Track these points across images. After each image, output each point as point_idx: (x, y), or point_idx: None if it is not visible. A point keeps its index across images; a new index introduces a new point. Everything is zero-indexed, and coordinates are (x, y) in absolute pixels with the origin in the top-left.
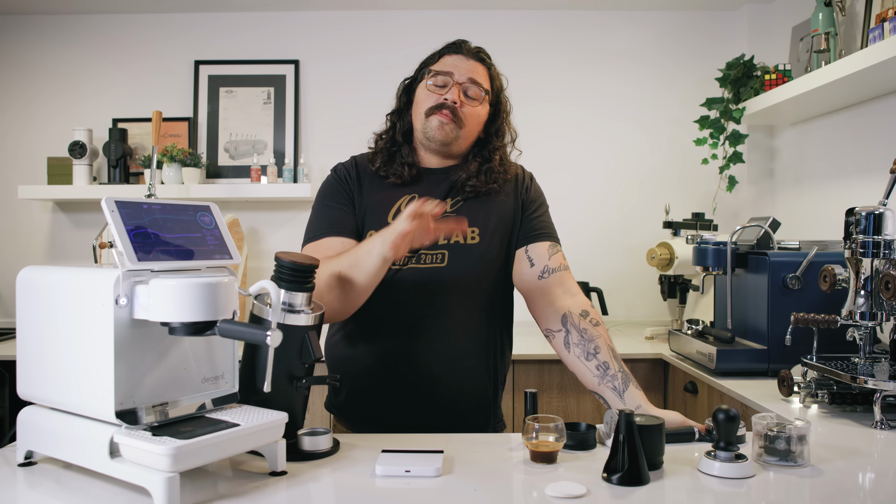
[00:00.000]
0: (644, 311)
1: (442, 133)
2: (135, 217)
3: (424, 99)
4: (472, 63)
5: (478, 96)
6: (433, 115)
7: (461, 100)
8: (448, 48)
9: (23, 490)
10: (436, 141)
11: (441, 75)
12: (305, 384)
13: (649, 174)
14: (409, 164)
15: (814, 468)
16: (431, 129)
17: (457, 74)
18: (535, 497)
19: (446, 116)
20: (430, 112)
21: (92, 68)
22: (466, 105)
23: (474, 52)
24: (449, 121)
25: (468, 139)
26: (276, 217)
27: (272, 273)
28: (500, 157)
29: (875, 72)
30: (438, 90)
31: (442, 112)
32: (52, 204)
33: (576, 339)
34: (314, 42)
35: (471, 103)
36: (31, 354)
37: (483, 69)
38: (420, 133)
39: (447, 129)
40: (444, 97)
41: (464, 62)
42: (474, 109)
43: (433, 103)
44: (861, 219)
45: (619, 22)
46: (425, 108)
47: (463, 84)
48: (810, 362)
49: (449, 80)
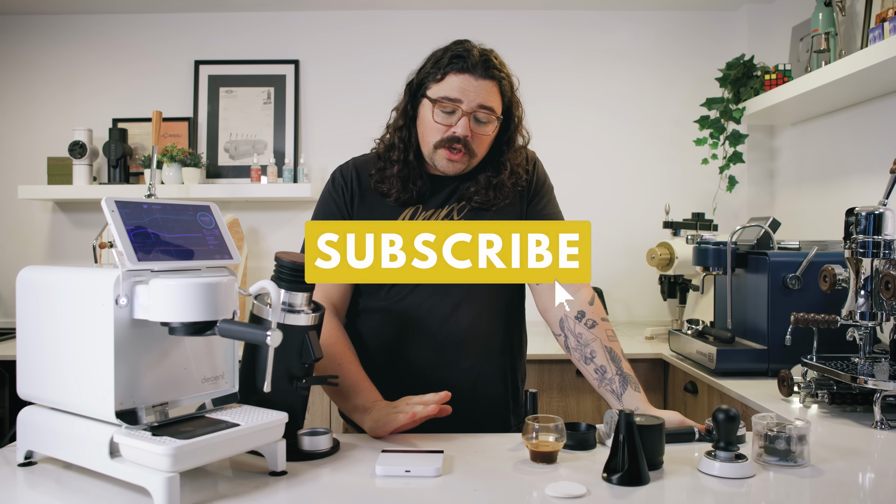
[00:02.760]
0: (644, 311)
1: (452, 168)
2: (135, 217)
3: (431, 129)
4: (482, 84)
5: (489, 120)
6: (443, 149)
7: (472, 131)
8: (453, 63)
9: (23, 490)
10: (446, 174)
11: (449, 102)
12: (305, 384)
13: (649, 174)
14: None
15: (814, 468)
16: (441, 164)
17: (465, 102)
18: (535, 497)
19: (458, 150)
20: (439, 145)
21: (92, 68)
22: (478, 134)
23: (483, 69)
24: (460, 155)
25: (480, 158)
26: (276, 217)
27: (272, 273)
28: (510, 168)
29: (875, 72)
30: (446, 119)
31: (453, 146)
32: (52, 204)
33: (573, 343)
34: (314, 42)
35: (482, 130)
36: (31, 354)
37: (494, 86)
38: (428, 158)
39: (458, 164)
40: (453, 130)
41: (472, 84)
42: (486, 136)
43: (442, 136)
44: (861, 219)
45: (620, 22)
46: (434, 139)
47: (473, 112)
48: (810, 362)
49: (458, 107)
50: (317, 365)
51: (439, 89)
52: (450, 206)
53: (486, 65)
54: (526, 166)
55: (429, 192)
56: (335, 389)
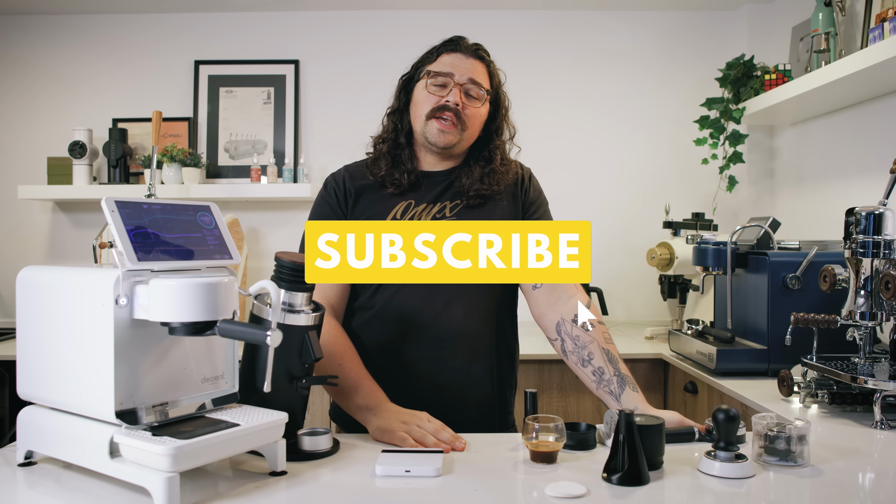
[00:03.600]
0: (644, 311)
1: (444, 139)
2: (135, 217)
3: (424, 100)
4: (472, 61)
5: (479, 96)
6: (434, 119)
7: (463, 101)
8: (446, 45)
9: (23, 490)
10: (437, 145)
11: (441, 76)
12: (305, 384)
13: (649, 174)
14: (408, 171)
15: (814, 468)
16: (432, 134)
17: (457, 75)
18: (535, 497)
19: (449, 120)
20: (430, 115)
21: (92, 68)
22: (468, 106)
23: (473, 50)
24: (451, 126)
25: (470, 140)
26: (276, 217)
27: (272, 273)
28: (500, 156)
29: (875, 72)
30: (439, 91)
31: (444, 115)
32: (52, 204)
33: (570, 346)
34: (314, 42)
35: (472, 104)
36: (31, 354)
37: (482, 67)
38: (420, 136)
39: (449, 134)
40: (445, 99)
41: (463, 61)
42: (477, 110)
43: (434, 105)
44: (861, 219)
45: (620, 22)
46: (426, 110)
47: (464, 85)
48: (810, 362)
49: (449, 80)
50: (317, 365)
51: (432, 67)
52: (442, 203)
53: (476, 48)
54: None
55: (423, 187)
56: (337, 389)
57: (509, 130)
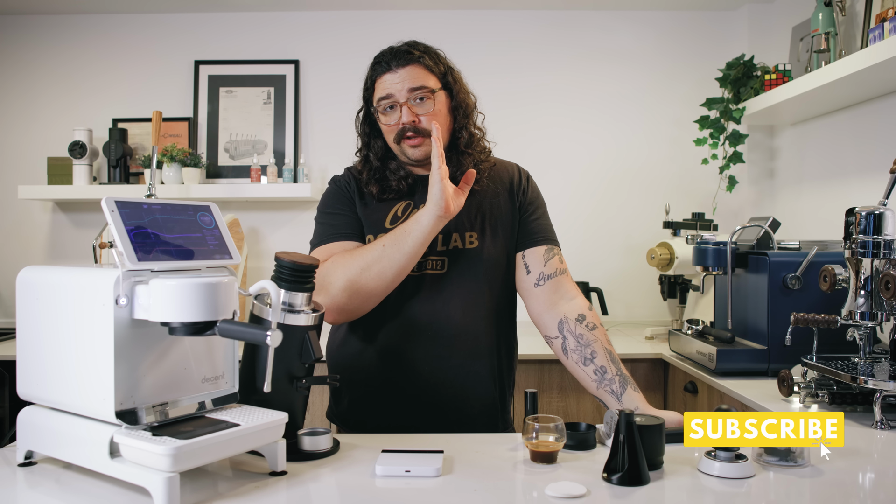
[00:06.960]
0: (644, 311)
1: (418, 153)
2: (135, 217)
3: (386, 131)
4: (404, 71)
5: (428, 96)
6: (403, 141)
7: (415, 113)
8: (374, 70)
9: (23, 490)
10: (417, 160)
11: (384, 100)
12: (305, 384)
13: (649, 174)
14: (402, 178)
15: (814, 468)
16: (408, 153)
17: (396, 94)
18: (535, 497)
19: (413, 139)
20: (397, 139)
21: (92, 68)
22: (422, 114)
23: (397, 59)
24: (419, 140)
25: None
26: (276, 217)
27: (272, 273)
28: (467, 134)
29: (875, 72)
30: (393, 114)
31: (407, 135)
32: (52, 204)
33: (573, 344)
34: (314, 42)
35: (424, 108)
36: (31, 354)
37: (415, 68)
38: (400, 156)
39: (421, 148)
40: (401, 121)
41: (395, 76)
42: (432, 112)
43: (394, 133)
44: (861, 219)
45: (620, 22)
46: (391, 138)
47: (408, 99)
48: (810, 362)
49: (394, 103)
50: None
51: (376, 96)
52: None
53: (398, 54)
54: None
55: (420, 188)
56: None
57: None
